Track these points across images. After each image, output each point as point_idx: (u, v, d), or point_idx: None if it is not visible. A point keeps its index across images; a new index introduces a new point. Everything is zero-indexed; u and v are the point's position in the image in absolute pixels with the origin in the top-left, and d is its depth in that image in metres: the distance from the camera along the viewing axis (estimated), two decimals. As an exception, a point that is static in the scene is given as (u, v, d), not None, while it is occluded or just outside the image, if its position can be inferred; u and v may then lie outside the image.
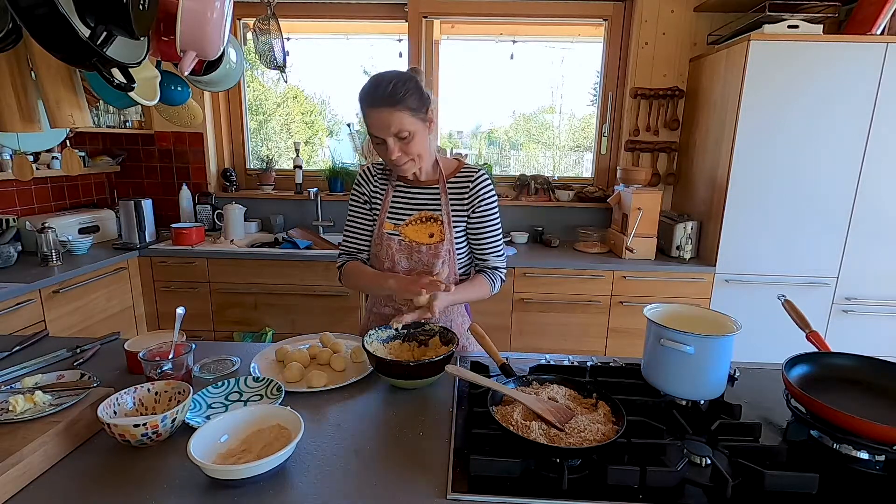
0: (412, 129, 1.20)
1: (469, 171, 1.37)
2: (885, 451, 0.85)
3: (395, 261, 1.36)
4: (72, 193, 2.92)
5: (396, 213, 1.38)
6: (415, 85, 1.20)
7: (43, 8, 0.80)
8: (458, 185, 1.36)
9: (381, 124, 1.19)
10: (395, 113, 1.17)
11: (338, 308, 2.66)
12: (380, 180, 1.41)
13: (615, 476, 0.81)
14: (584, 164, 3.37)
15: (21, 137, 1.33)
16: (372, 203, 1.42)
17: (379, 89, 1.18)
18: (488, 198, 1.36)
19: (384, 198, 1.39)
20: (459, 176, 1.37)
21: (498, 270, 1.42)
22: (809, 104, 2.23)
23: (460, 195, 1.36)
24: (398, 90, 1.17)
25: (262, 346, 1.34)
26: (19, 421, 0.87)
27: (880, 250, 2.36)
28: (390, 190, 1.39)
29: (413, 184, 1.38)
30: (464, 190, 1.36)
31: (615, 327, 2.56)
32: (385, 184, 1.40)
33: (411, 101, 1.18)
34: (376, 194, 1.41)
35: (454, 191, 1.37)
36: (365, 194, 1.42)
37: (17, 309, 1.97)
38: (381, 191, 1.40)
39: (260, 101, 3.46)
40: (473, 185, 1.35)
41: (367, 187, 1.41)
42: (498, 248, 1.41)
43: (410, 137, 1.21)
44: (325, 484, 0.81)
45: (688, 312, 1.15)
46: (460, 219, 1.37)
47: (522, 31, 3.10)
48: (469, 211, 1.37)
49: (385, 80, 1.18)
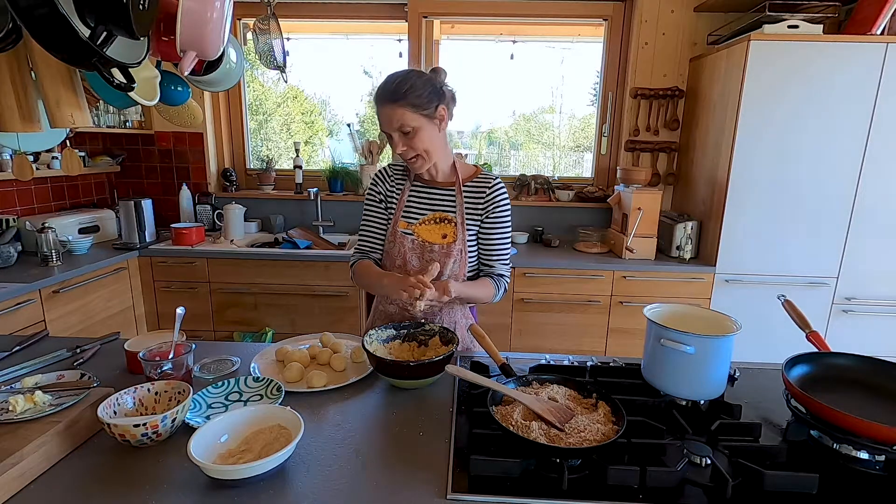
0: (415, 125, 1.24)
1: (487, 178, 1.40)
2: (885, 451, 0.85)
3: (406, 259, 1.37)
4: (72, 193, 2.92)
5: (411, 213, 1.40)
6: (422, 83, 1.24)
7: (43, 8, 0.80)
8: (475, 189, 1.38)
9: (385, 119, 1.25)
10: (396, 109, 1.22)
11: (338, 308, 2.66)
12: (397, 180, 1.43)
13: (615, 476, 0.81)
14: (584, 164, 3.37)
15: (21, 137, 1.33)
16: (387, 202, 1.43)
17: (386, 86, 1.24)
18: (504, 206, 1.38)
19: (400, 196, 1.41)
20: (477, 181, 1.39)
21: (503, 278, 1.43)
22: (809, 104, 2.23)
23: (476, 199, 1.38)
24: (401, 87, 1.22)
25: (262, 346, 1.34)
26: (19, 421, 0.87)
27: (880, 250, 2.36)
28: (407, 189, 1.41)
29: (429, 184, 1.40)
30: (480, 194, 1.38)
31: (615, 327, 2.56)
32: (402, 183, 1.42)
33: (414, 98, 1.22)
34: (392, 193, 1.42)
35: (470, 194, 1.38)
36: (381, 193, 1.43)
37: (17, 309, 1.97)
38: (398, 190, 1.42)
39: (260, 101, 3.46)
40: (490, 190, 1.37)
41: (383, 186, 1.43)
42: (505, 257, 1.43)
43: (414, 133, 1.25)
44: (325, 484, 0.81)
45: (688, 312, 1.15)
46: (474, 222, 1.39)
47: (522, 31, 3.10)
48: (483, 216, 1.38)
49: (392, 77, 1.25)
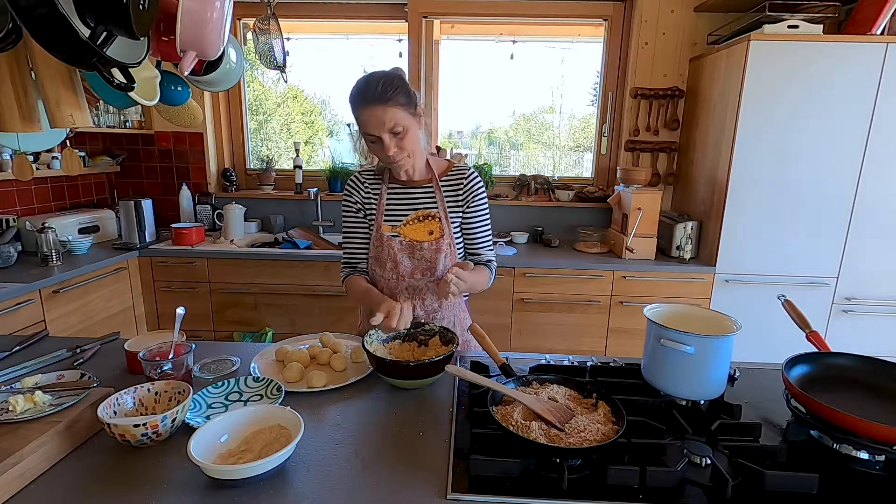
0: (405, 125, 1.24)
1: (460, 170, 1.41)
2: (885, 451, 0.85)
3: (397, 261, 1.37)
4: (72, 193, 2.92)
5: (393, 215, 1.39)
6: (402, 82, 1.24)
7: (43, 8, 0.80)
8: (452, 182, 1.40)
9: (376, 121, 1.22)
10: (388, 109, 1.21)
11: (338, 308, 2.66)
12: (371, 185, 1.42)
13: (615, 476, 0.81)
14: (584, 164, 3.37)
15: (21, 137, 1.33)
16: (365, 210, 1.43)
17: (370, 88, 1.21)
18: (481, 194, 1.41)
19: (378, 201, 1.40)
20: (452, 174, 1.41)
21: (492, 262, 1.47)
22: (809, 104, 2.23)
23: (455, 192, 1.40)
24: (388, 87, 1.21)
25: (262, 346, 1.34)
26: (19, 421, 0.87)
27: (880, 250, 2.36)
28: (384, 193, 1.40)
29: (407, 184, 1.40)
30: (458, 186, 1.40)
31: (615, 327, 2.56)
32: (377, 187, 1.41)
33: (401, 98, 1.22)
34: (369, 200, 1.42)
35: (448, 188, 1.40)
36: (357, 202, 1.43)
37: (17, 309, 1.97)
38: (374, 195, 1.41)
39: (260, 101, 3.46)
40: (467, 181, 1.39)
41: (359, 195, 1.42)
42: (489, 242, 1.47)
43: (404, 133, 1.25)
44: (324, 484, 0.81)
45: (688, 312, 1.15)
46: (455, 215, 1.40)
47: (522, 31, 3.10)
48: (463, 207, 1.40)
49: (374, 79, 1.22)
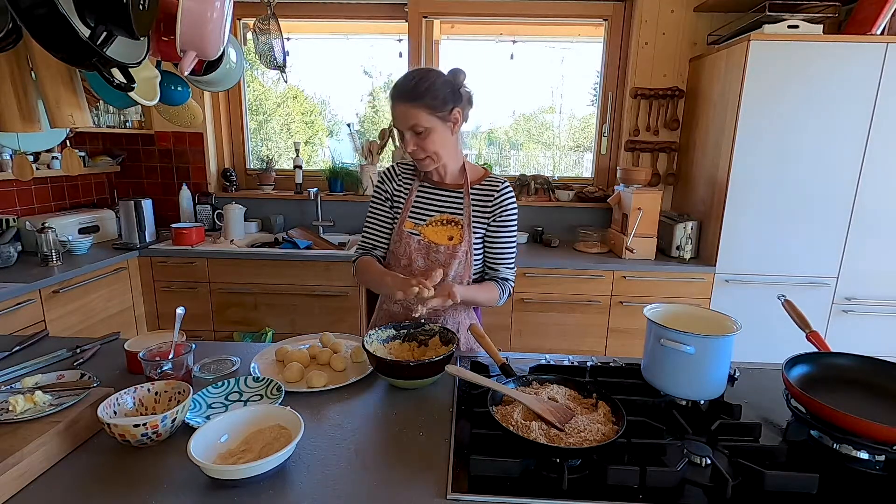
0: (428, 126, 1.24)
1: (495, 181, 1.39)
2: (885, 451, 0.85)
3: (412, 259, 1.37)
4: (72, 193, 2.92)
5: (418, 213, 1.39)
6: (441, 83, 1.24)
7: (43, 8, 0.80)
8: (483, 192, 1.38)
9: (401, 116, 1.24)
10: (411, 108, 1.22)
11: (338, 308, 2.66)
12: (405, 179, 1.42)
13: (615, 476, 0.81)
14: (584, 164, 3.37)
15: (21, 137, 1.33)
16: (393, 201, 1.43)
17: (403, 83, 1.23)
18: (511, 210, 1.38)
19: (407, 196, 1.40)
20: (485, 184, 1.39)
21: (508, 282, 1.43)
22: (809, 104, 2.23)
23: (484, 202, 1.37)
24: (419, 86, 1.21)
25: (262, 346, 1.34)
26: (19, 421, 0.87)
27: (880, 250, 2.36)
28: (414, 189, 1.40)
29: (438, 185, 1.40)
30: (488, 198, 1.37)
31: (615, 327, 2.56)
32: (410, 183, 1.42)
33: (430, 99, 1.22)
34: (399, 193, 1.42)
35: (478, 197, 1.38)
36: (387, 191, 1.43)
37: (17, 309, 1.97)
38: (406, 190, 1.41)
39: (260, 101, 3.46)
40: (499, 194, 1.37)
41: (391, 185, 1.43)
42: (510, 261, 1.42)
43: (426, 134, 1.25)
44: (325, 484, 0.81)
45: (688, 312, 1.15)
46: (480, 226, 1.38)
47: (522, 31, 3.10)
48: (490, 219, 1.38)
49: (411, 75, 1.24)
